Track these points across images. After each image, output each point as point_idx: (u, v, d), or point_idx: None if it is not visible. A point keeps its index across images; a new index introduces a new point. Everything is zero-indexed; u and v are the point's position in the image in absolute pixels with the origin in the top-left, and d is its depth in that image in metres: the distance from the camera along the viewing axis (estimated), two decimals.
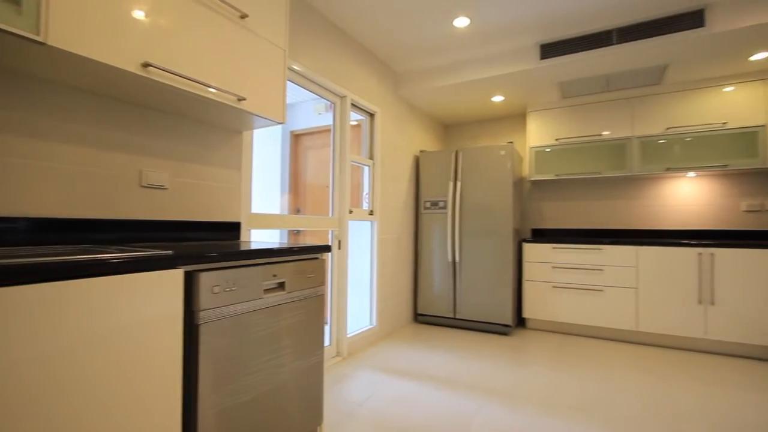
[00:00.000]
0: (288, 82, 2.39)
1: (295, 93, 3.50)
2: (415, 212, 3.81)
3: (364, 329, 3.02)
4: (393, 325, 3.40)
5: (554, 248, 3.34)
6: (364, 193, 3.19)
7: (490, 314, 3.35)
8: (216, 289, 1.17)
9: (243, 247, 1.39)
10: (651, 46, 2.57)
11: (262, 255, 1.35)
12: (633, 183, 3.59)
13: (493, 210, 3.36)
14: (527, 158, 3.74)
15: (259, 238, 2.27)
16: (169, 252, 1.09)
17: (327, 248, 1.65)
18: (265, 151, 3.64)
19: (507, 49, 3.02)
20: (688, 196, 3.38)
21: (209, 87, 1.45)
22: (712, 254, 2.81)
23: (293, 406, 1.47)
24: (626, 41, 2.60)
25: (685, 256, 2.89)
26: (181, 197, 1.71)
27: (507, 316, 3.29)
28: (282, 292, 1.42)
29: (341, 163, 2.80)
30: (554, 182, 3.88)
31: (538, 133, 3.70)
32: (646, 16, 2.56)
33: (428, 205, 3.67)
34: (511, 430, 1.78)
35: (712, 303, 2.80)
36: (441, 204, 3.60)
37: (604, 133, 3.41)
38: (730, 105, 3.00)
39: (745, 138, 2.96)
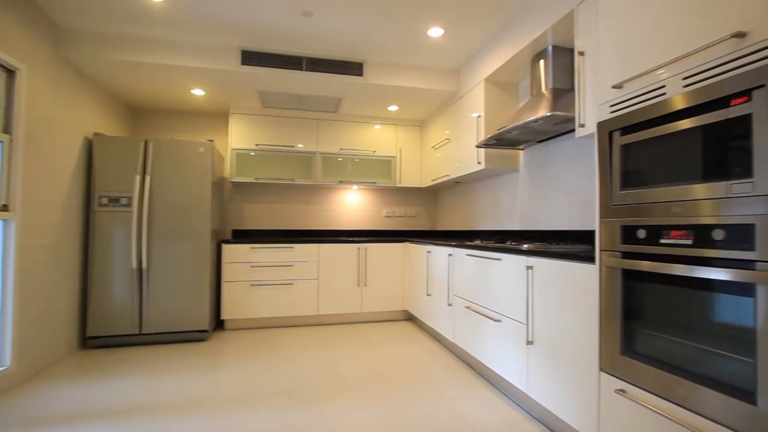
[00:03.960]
0: None
1: None
2: (86, 209, 3.04)
3: None
4: (44, 359, 2.56)
5: (253, 248, 3.50)
6: None
7: (185, 322, 3.12)
8: None
9: None
10: (329, 80, 3.17)
11: None
12: (317, 191, 4.28)
13: (189, 210, 3.15)
14: (228, 159, 3.75)
15: None
16: None
17: None
18: None
19: (209, 43, 2.93)
20: (353, 204, 4.37)
21: None
22: (366, 248, 3.76)
23: None
24: (312, 71, 3.09)
25: (350, 250, 3.72)
26: None
27: (204, 321, 3.16)
28: None
29: None
30: (255, 185, 4.07)
31: (240, 136, 3.77)
32: (327, 55, 3.13)
33: (105, 201, 3.01)
34: None
35: (366, 285, 3.74)
36: (124, 201, 3.04)
37: (298, 145, 3.90)
38: (378, 139, 4.12)
39: (385, 164, 4.15)
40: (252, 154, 3.81)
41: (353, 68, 3.17)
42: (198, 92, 3.45)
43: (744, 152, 1.01)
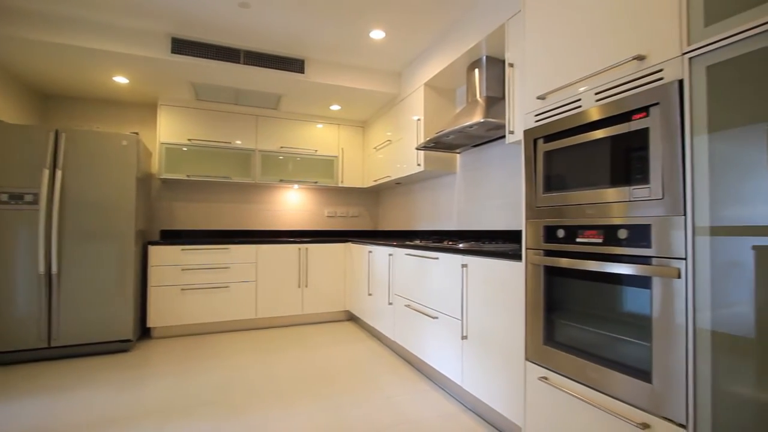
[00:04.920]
0: None
1: None
2: None
3: None
4: None
5: (184, 250, 3.28)
6: None
7: (105, 332, 2.84)
8: None
9: None
10: (269, 75, 3.07)
11: None
12: (256, 189, 4.12)
13: (110, 208, 2.88)
14: (157, 154, 3.48)
15: None
16: None
17: None
18: None
19: (135, 27, 2.70)
20: (294, 203, 4.27)
21: None
22: (307, 249, 3.69)
23: None
24: (251, 64, 2.97)
25: (291, 251, 3.63)
26: None
27: (127, 330, 2.90)
28: None
29: None
30: (186, 182, 3.82)
31: (170, 129, 3.52)
32: (267, 50, 3.03)
33: (5, 198, 2.65)
34: None
35: (307, 286, 3.68)
36: (29, 198, 2.69)
37: (236, 142, 3.72)
38: (320, 138, 4.07)
39: (327, 163, 4.11)
40: (184, 149, 3.57)
41: (294, 65, 3.10)
42: (121, 80, 3.17)
43: (642, 161, 1.15)
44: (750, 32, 0.92)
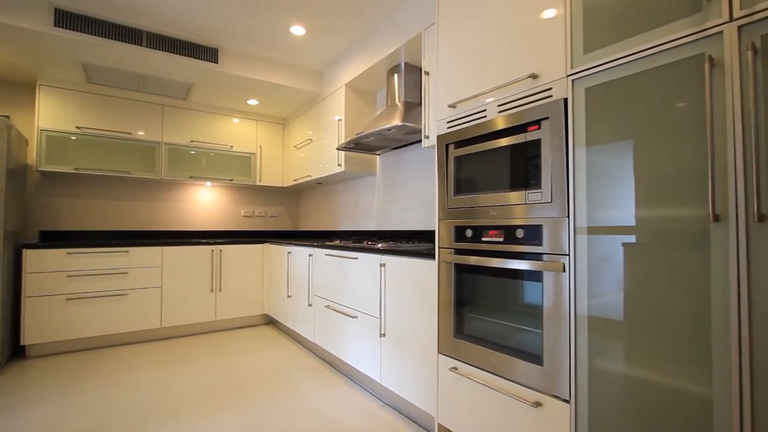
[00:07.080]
0: None
1: None
2: None
3: None
4: None
5: (70, 253, 2.86)
6: None
7: None
8: None
9: None
10: (176, 62, 2.82)
11: None
12: (162, 186, 3.76)
13: None
14: (35, 142, 2.98)
15: None
16: None
17: None
18: None
19: None
20: (206, 202, 3.98)
21: None
22: (221, 250, 3.47)
23: None
24: (155, 48, 2.70)
25: (202, 253, 3.38)
26: None
27: None
28: None
29: None
30: (75, 176, 3.34)
31: (53, 115, 3.04)
32: (176, 34, 2.78)
33: None
34: None
35: (221, 290, 3.45)
36: None
37: (138, 133, 3.35)
38: (236, 133, 3.85)
39: (244, 160, 3.90)
40: (72, 138, 3.11)
41: (206, 53, 2.89)
42: None
43: (536, 168, 1.29)
44: (618, 62, 1.09)
